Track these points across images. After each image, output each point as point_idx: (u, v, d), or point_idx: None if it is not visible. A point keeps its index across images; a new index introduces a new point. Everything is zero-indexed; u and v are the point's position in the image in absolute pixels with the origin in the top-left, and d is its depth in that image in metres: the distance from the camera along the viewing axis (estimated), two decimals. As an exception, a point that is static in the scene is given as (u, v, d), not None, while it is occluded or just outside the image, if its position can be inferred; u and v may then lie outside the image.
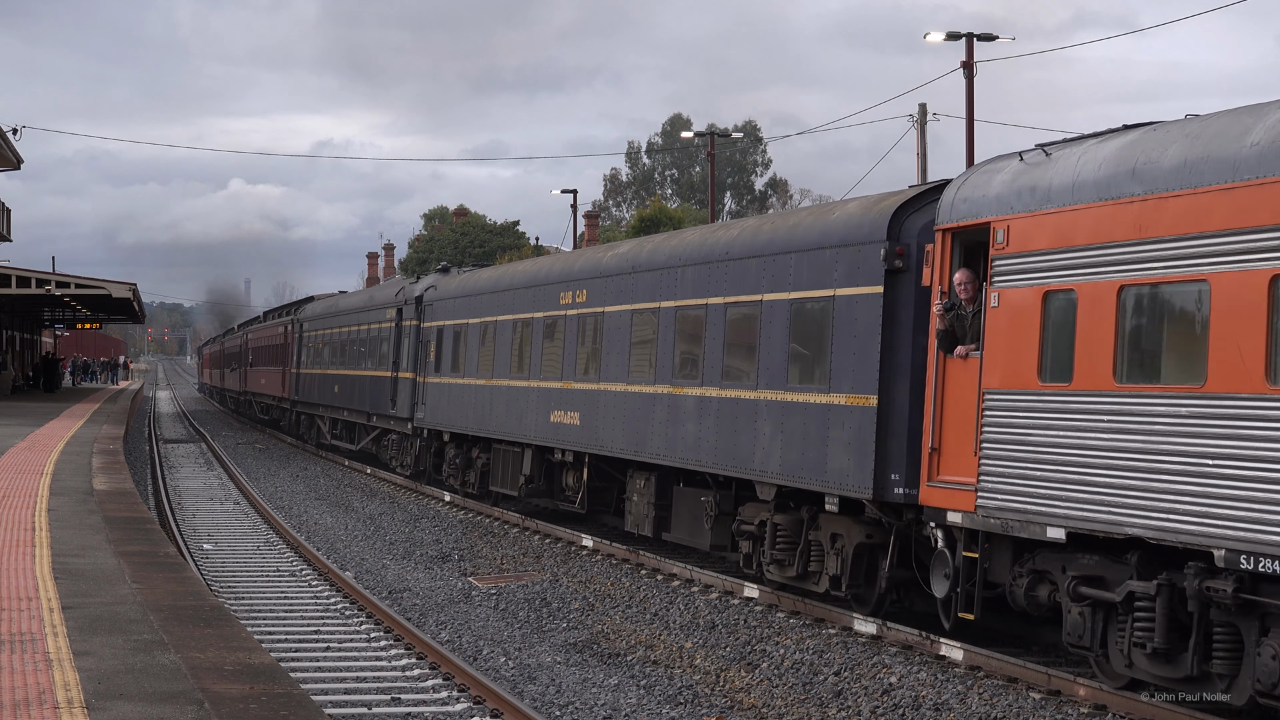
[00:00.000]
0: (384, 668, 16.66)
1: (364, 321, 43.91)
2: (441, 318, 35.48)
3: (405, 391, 38.00)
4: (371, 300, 44.84)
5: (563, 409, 26.93)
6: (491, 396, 31.05)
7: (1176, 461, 12.97)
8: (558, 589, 22.39)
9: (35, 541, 17.87)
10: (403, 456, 39.58)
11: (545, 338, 28.24)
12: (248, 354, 73.06)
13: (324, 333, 50.44)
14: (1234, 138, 12.88)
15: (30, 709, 9.61)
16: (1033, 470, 14.64)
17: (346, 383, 45.55)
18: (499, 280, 32.34)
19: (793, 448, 18.86)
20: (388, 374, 39.77)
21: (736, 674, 16.91)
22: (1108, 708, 14.08)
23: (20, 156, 56.10)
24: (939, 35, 42.42)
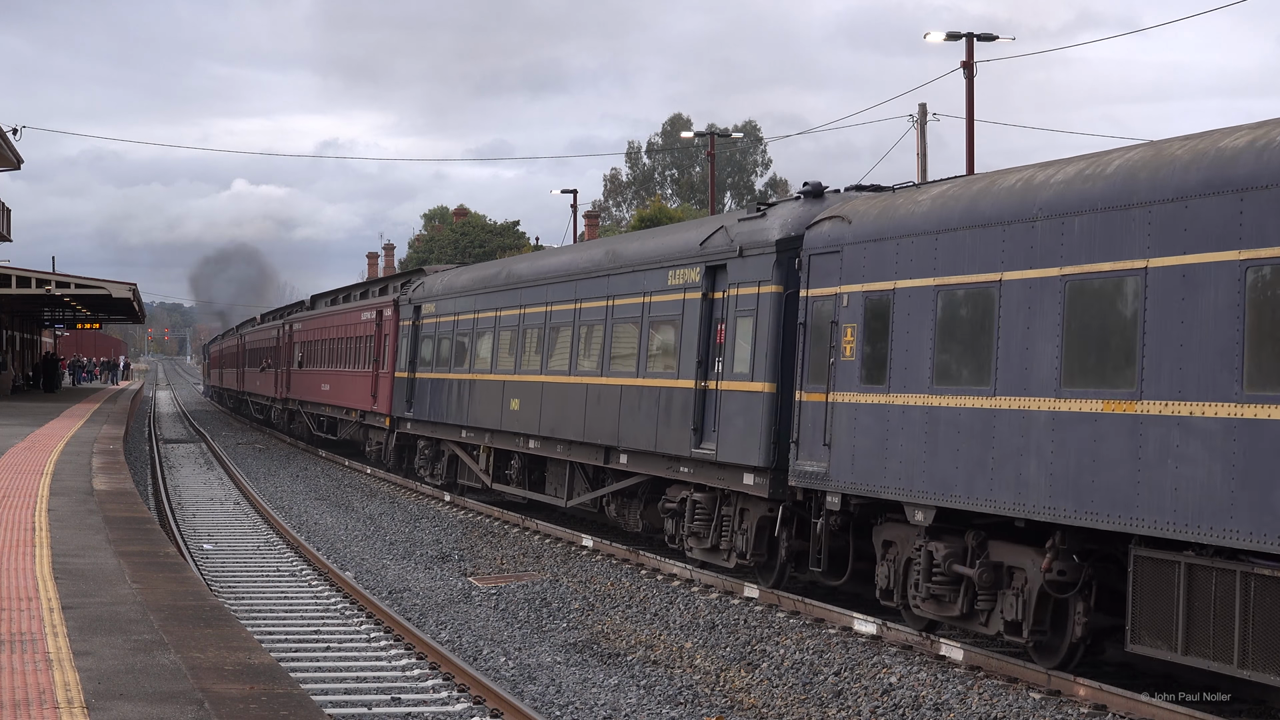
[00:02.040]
0: (384, 668, 16.66)
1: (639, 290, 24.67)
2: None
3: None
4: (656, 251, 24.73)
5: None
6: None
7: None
8: (558, 589, 22.39)
9: (35, 541, 17.87)
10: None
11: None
12: (289, 350, 59.35)
13: (497, 316, 31.37)
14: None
15: (30, 709, 9.61)
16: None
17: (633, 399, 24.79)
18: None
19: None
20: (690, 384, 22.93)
21: (736, 674, 16.91)
22: (1108, 708, 14.08)
23: (20, 156, 56.10)
24: (939, 35, 42.42)
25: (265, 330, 69.33)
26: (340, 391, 46.57)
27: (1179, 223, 13.29)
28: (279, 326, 62.82)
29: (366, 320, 43.08)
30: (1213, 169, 13.09)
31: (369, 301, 44.13)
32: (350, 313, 46.79)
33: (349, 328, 46.14)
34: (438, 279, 37.19)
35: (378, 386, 40.82)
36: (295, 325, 57.88)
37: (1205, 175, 13.14)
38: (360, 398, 43.02)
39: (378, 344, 41.18)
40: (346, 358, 46.04)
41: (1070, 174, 15.16)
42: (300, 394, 55.34)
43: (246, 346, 77.54)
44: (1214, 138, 13.56)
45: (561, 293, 27.52)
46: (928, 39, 42.81)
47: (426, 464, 36.75)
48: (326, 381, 49.46)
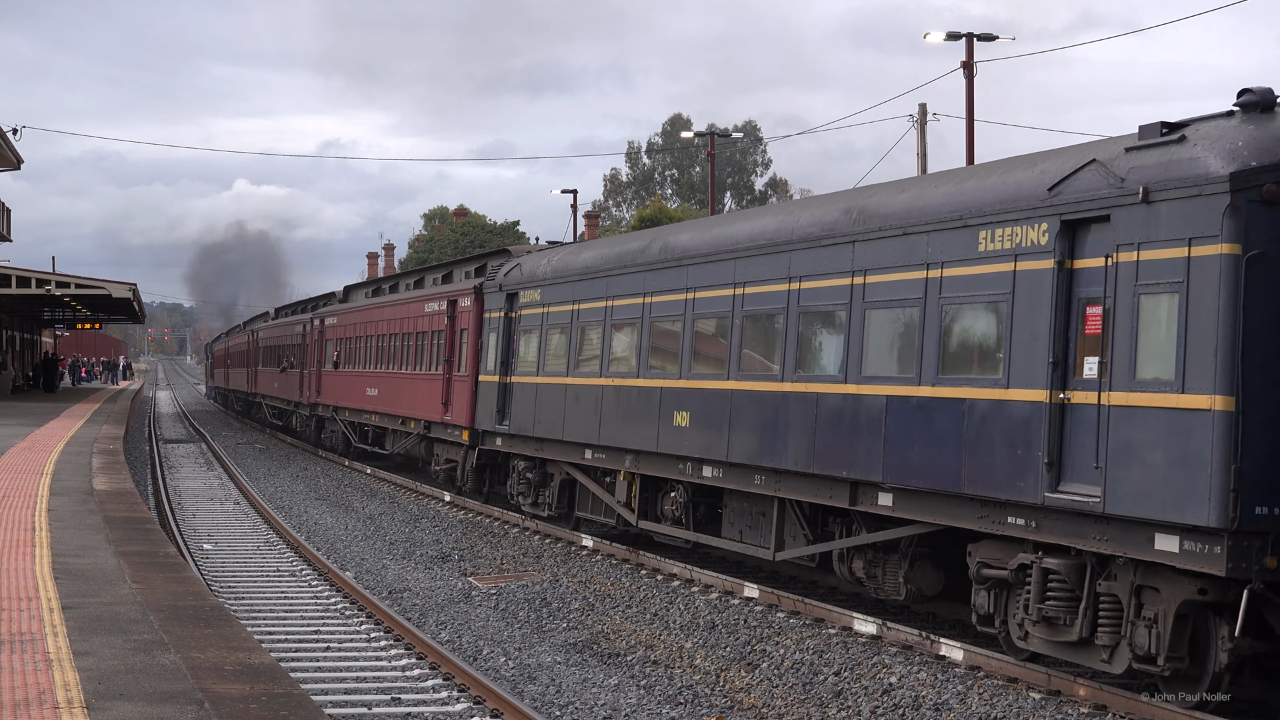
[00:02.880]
0: (384, 668, 16.66)
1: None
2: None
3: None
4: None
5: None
6: None
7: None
8: (558, 589, 22.38)
9: (35, 541, 17.87)
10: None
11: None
12: (319, 348, 51.64)
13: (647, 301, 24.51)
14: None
15: (30, 709, 9.61)
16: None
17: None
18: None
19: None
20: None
21: (736, 674, 16.91)
22: (1108, 707, 14.08)
23: (20, 156, 56.08)
24: (939, 35, 42.42)
25: (285, 326, 61.59)
26: (395, 398, 39.65)
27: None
28: (304, 322, 55.12)
29: (434, 313, 36.17)
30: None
31: (435, 290, 36.94)
32: (408, 304, 39.42)
33: (407, 322, 39.07)
34: (540, 260, 29.35)
35: (451, 393, 33.89)
36: (328, 320, 50.59)
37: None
38: (426, 406, 35.76)
39: (451, 341, 34.35)
40: (404, 358, 39.07)
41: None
42: (335, 399, 48.16)
43: (260, 344, 69.72)
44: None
45: (760, 269, 20.53)
46: (928, 39, 42.82)
47: (527, 490, 29.00)
48: (373, 385, 42.30)
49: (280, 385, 60.86)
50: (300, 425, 57.18)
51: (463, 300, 33.82)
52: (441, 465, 35.17)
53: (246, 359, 76.35)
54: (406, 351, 38.89)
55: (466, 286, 33.56)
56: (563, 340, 27.03)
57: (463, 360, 33.41)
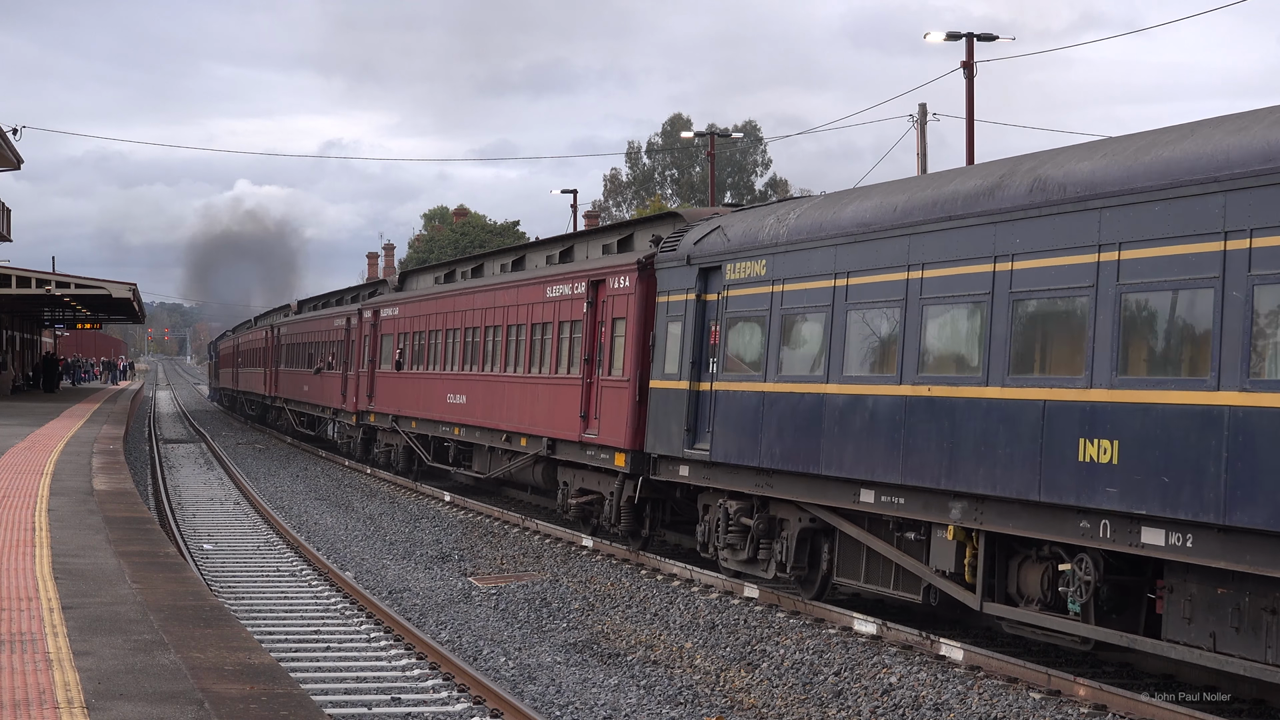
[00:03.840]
0: (384, 668, 16.66)
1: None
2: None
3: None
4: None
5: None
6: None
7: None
8: (558, 589, 22.38)
9: (35, 541, 17.87)
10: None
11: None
12: (371, 345, 43.01)
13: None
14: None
15: (30, 709, 9.61)
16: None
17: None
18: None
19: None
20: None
21: (736, 674, 16.91)
22: (1108, 707, 14.08)
23: (20, 156, 56.10)
24: (939, 35, 42.43)
25: (318, 320, 53.14)
26: (495, 407, 31.31)
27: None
28: (348, 315, 46.57)
29: (561, 299, 27.83)
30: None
31: (562, 270, 28.34)
32: (517, 288, 30.73)
33: (516, 311, 30.61)
34: (762, 219, 21.14)
35: (597, 403, 25.44)
36: (384, 312, 41.97)
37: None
38: (550, 419, 27.62)
39: (592, 335, 26.06)
40: (511, 357, 30.67)
41: None
42: (396, 406, 39.75)
43: (283, 341, 61.50)
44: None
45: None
46: (928, 39, 42.82)
47: (740, 542, 20.95)
48: (458, 391, 33.98)
49: (312, 389, 52.20)
50: (341, 436, 48.37)
51: (615, 280, 25.26)
52: (574, 498, 26.71)
53: (263, 358, 67.98)
54: (515, 349, 30.50)
55: (621, 263, 25.04)
56: (816, 330, 19.04)
57: (616, 360, 24.98)
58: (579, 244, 29.53)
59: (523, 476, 30.78)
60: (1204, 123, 14.33)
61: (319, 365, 50.57)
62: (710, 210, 24.87)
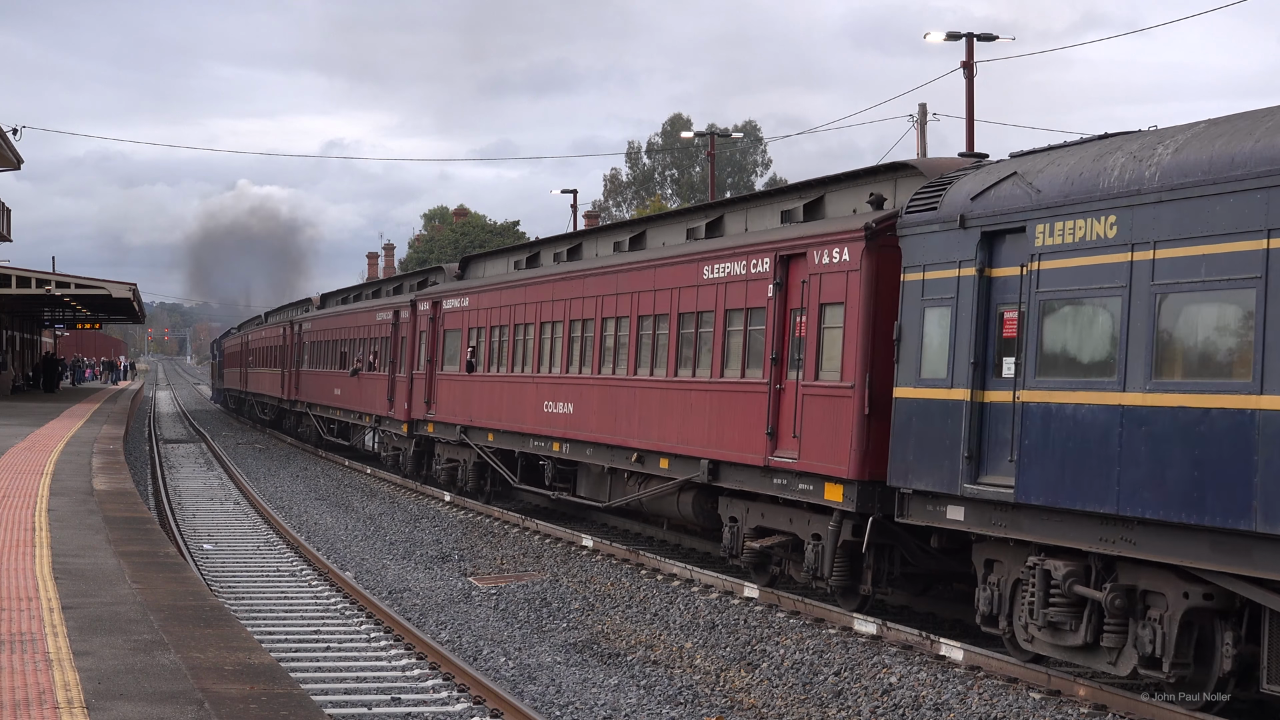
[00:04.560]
0: (384, 668, 16.66)
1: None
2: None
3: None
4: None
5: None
6: None
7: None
8: (558, 589, 22.39)
9: (35, 541, 17.87)
10: None
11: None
12: (430, 343, 36.77)
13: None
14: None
15: (30, 709, 9.61)
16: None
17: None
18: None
19: None
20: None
21: (736, 674, 16.91)
22: (1108, 707, 14.08)
23: (20, 156, 56.10)
24: (939, 35, 42.44)
25: (352, 316, 47.62)
26: (620, 420, 25.15)
27: None
28: (395, 308, 40.39)
29: (726, 280, 21.71)
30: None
31: (729, 244, 22.07)
32: (650, 269, 24.49)
33: (650, 298, 24.36)
34: (1086, 160, 15.09)
35: (795, 417, 19.42)
36: (446, 304, 35.81)
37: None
38: (719, 436, 21.52)
39: (778, 327, 20.07)
40: (643, 357, 24.58)
41: None
42: (468, 416, 33.33)
43: (305, 339, 55.50)
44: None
45: None
46: (928, 39, 42.83)
47: (1068, 619, 14.88)
48: (559, 398, 27.90)
49: (346, 392, 46.21)
50: (385, 448, 41.67)
51: (822, 254, 19.16)
52: (752, 539, 20.75)
53: (280, 357, 61.45)
54: (653, 346, 24.27)
55: (834, 231, 19.05)
56: (1230, 315, 13.24)
57: (828, 359, 19.04)
58: (733, 213, 23.42)
59: (659, 507, 24.40)
60: None
61: (356, 366, 44.47)
62: (959, 159, 18.73)
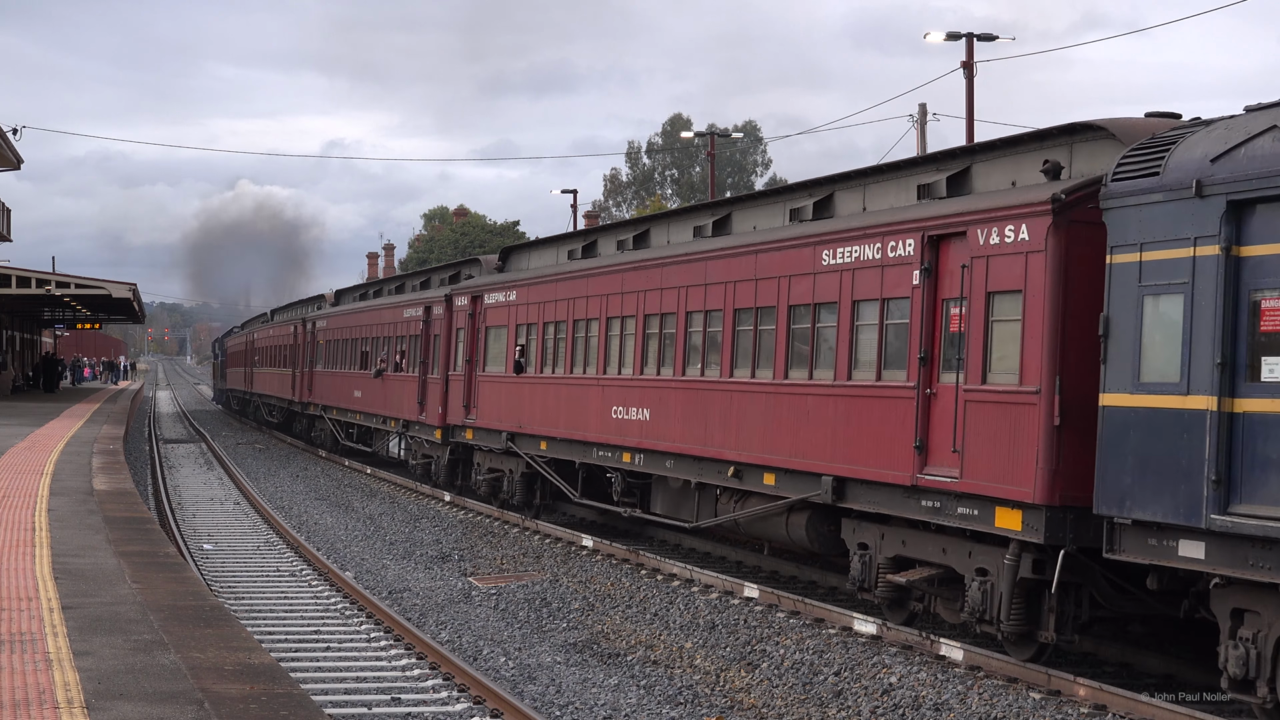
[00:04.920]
0: (384, 668, 16.66)
1: None
2: None
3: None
4: None
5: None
6: None
7: None
8: (558, 589, 22.38)
9: (35, 541, 17.87)
10: None
11: None
12: (459, 340, 34.30)
13: None
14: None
15: (30, 709, 9.61)
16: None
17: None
18: None
19: None
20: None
21: (736, 674, 16.91)
22: (1108, 708, 14.08)
23: (20, 157, 56.09)
24: (939, 35, 42.44)
25: (374, 312, 44.11)
26: (710, 427, 21.91)
27: None
28: (426, 304, 36.98)
29: (853, 266, 18.58)
30: None
31: (860, 224, 18.75)
32: (751, 255, 21.13)
33: (748, 289, 21.13)
34: None
35: (956, 427, 16.41)
36: (489, 298, 32.33)
37: None
38: (847, 447, 18.42)
39: (927, 320, 17.15)
40: (741, 356, 21.29)
41: None
42: (516, 421, 29.81)
43: (319, 337, 52.40)
44: None
45: None
46: (928, 39, 42.84)
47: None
48: (635, 403, 24.49)
49: (368, 394, 43.26)
50: (414, 455, 38.41)
51: (990, 233, 16.16)
52: (888, 570, 17.75)
53: (290, 356, 58.22)
54: (756, 344, 20.92)
55: (1008, 205, 15.97)
56: None
57: (1000, 358, 16.00)
58: (846, 190, 20.22)
59: (761, 529, 21.18)
60: None
61: (380, 366, 41.47)
62: (1156, 121, 15.94)
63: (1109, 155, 15.31)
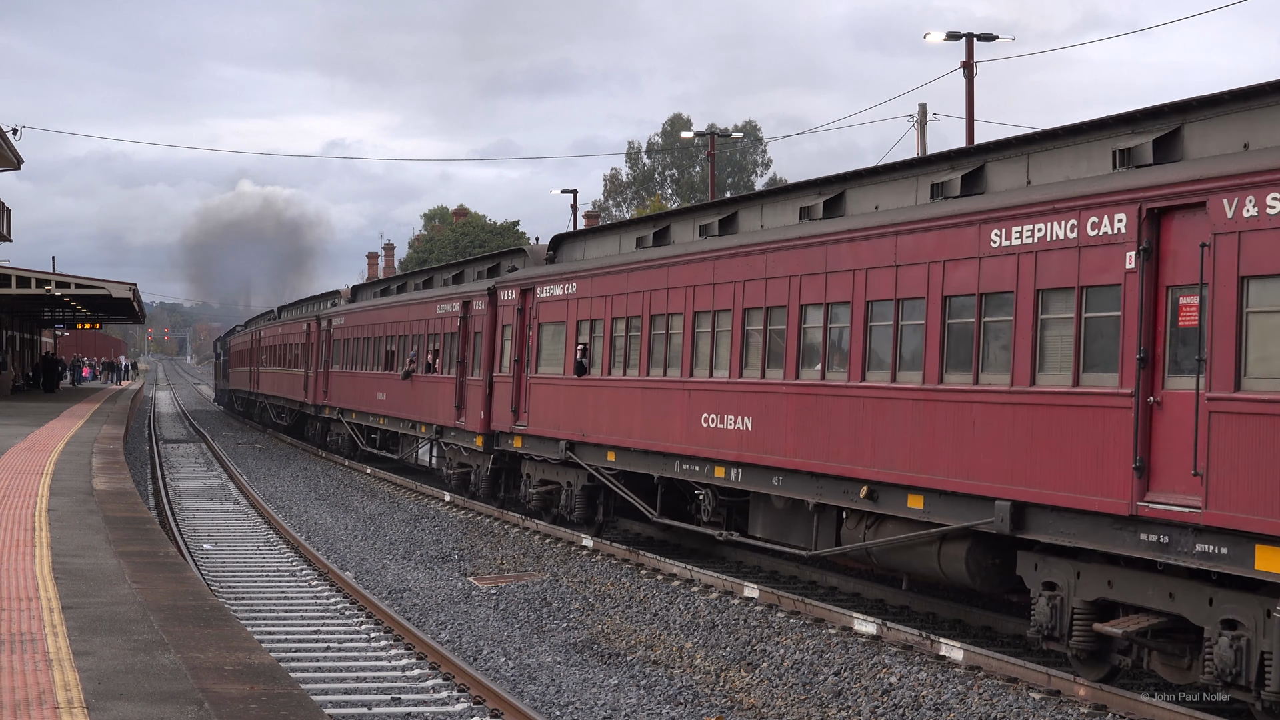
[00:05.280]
0: (384, 668, 16.66)
1: None
2: None
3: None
4: None
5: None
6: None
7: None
8: (558, 589, 22.38)
9: (35, 541, 17.86)
10: None
11: None
12: (506, 336, 30.94)
13: None
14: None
15: (30, 709, 9.61)
16: None
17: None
18: None
19: None
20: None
21: (736, 674, 16.90)
22: (1108, 707, 14.08)
23: (20, 156, 56.08)
24: (939, 35, 42.44)
25: (401, 309, 40.68)
26: (830, 439, 19.07)
27: None
28: (464, 299, 34.06)
29: (1071, 244, 14.99)
30: None
31: (1087, 193, 14.94)
32: (889, 236, 18.11)
33: (884, 277, 18.17)
34: None
35: (1197, 444, 13.31)
36: (541, 291, 29.26)
37: None
38: (1029, 466, 15.37)
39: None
40: (873, 355, 18.50)
41: None
42: (577, 428, 26.86)
43: (335, 335, 49.17)
44: None
45: None
46: (928, 39, 42.83)
47: None
48: (731, 409, 21.53)
49: (395, 397, 39.92)
50: (450, 464, 35.03)
51: (1243, 203, 13.18)
52: (1110, 625, 14.48)
53: (302, 356, 54.43)
54: (895, 342, 17.87)
55: (1271, 167, 13.01)
56: None
57: (1258, 360, 13.03)
58: (1003, 161, 17.12)
59: (902, 560, 18.21)
60: None
61: (409, 367, 38.14)
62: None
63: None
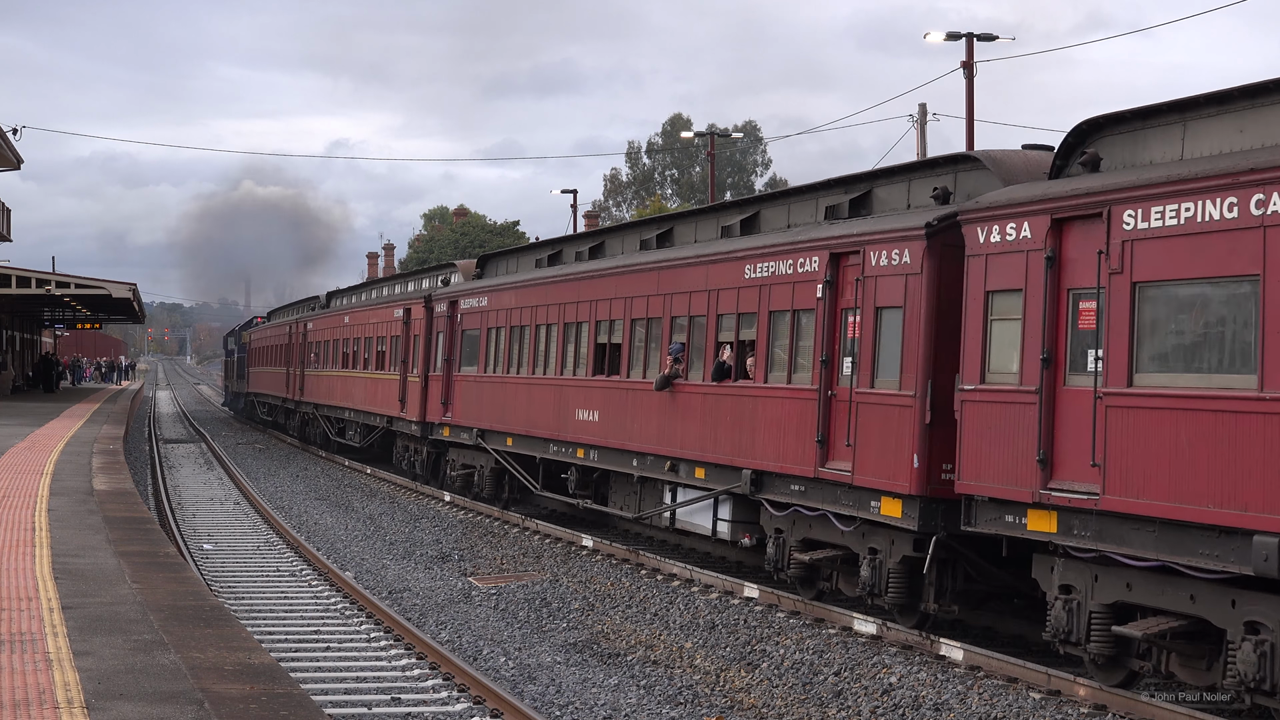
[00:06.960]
0: (384, 668, 16.66)
1: None
2: None
3: None
4: None
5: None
6: None
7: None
8: (558, 589, 22.38)
9: (35, 541, 17.87)
10: None
11: None
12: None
13: None
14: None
15: (30, 709, 9.61)
16: None
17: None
18: None
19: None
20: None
21: (736, 674, 16.91)
22: (1108, 707, 14.08)
23: (20, 157, 56.07)
24: (939, 35, 42.45)
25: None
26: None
27: None
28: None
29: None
30: None
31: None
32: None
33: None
34: None
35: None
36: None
37: None
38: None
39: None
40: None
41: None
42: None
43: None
44: None
45: None
46: (928, 39, 42.86)
47: None
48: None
49: (608, 413, 27.38)
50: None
51: None
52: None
53: (387, 356, 40.01)
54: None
55: None
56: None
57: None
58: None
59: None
60: None
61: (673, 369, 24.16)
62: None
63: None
